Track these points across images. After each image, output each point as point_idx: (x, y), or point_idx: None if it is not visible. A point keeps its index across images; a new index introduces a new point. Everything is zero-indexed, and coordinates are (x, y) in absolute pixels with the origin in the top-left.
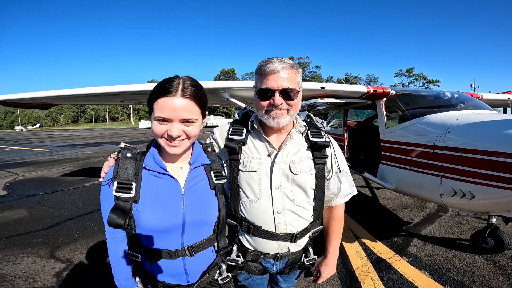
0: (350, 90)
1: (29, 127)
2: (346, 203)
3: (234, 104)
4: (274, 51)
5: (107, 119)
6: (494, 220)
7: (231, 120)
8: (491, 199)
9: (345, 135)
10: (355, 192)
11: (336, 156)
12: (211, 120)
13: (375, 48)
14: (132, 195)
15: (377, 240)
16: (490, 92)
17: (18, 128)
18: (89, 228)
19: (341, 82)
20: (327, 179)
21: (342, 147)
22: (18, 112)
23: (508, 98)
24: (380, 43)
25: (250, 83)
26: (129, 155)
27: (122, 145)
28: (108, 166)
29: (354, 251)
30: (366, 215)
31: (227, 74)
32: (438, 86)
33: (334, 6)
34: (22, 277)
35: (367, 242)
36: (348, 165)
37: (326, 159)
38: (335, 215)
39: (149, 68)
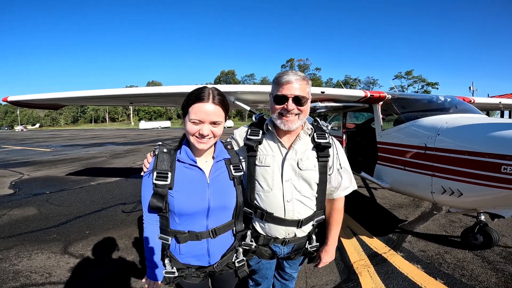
0: (348, 95)
1: (29, 127)
2: (345, 203)
3: (239, 106)
4: (274, 53)
5: (107, 119)
6: (482, 217)
7: (230, 122)
8: (477, 196)
9: (344, 137)
10: (355, 187)
11: (338, 155)
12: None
13: (375, 50)
14: (168, 182)
15: (374, 237)
16: (488, 95)
17: (18, 128)
18: (98, 226)
19: (340, 85)
20: (329, 175)
21: None
22: (18, 112)
23: (500, 102)
24: (380, 45)
25: (254, 88)
26: (165, 150)
27: (160, 143)
28: (148, 162)
29: (352, 246)
30: (363, 214)
31: (227, 76)
32: (437, 88)
33: (334, 9)
34: (38, 272)
35: (364, 238)
36: None
37: (328, 158)
38: (336, 207)
39: (149, 69)
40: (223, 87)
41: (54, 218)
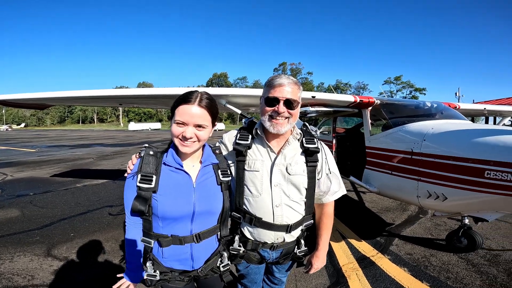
0: (338, 99)
1: (14, 126)
2: (334, 207)
3: (230, 110)
4: (267, 57)
5: (95, 120)
6: (467, 221)
7: (222, 125)
8: (461, 200)
9: (334, 142)
10: (344, 192)
11: (327, 160)
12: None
13: (366, 55)
14: (152, 186)
15: (362, 240)
16: (473, 101)
17: (3, 127)
18: (84, 228)
19: (331, 89)
20: (318, 179)
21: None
22: (3, 111)
23: (484, 108)
24: (371, 51)
25: (246, 91)
26: (151, 152)
27: (146, 145)
28: (132, 164)
29: (340, 249)
30: (352, 217)
31: (219, 78)
32: (425, 94)
33: (328, 13)
34: (21, 275)
35: (352, 241)
36: None
37: (317, 163)
38: (326, 212)
39: (140, 70)
40: (214, 90)
41: (37, 220)
